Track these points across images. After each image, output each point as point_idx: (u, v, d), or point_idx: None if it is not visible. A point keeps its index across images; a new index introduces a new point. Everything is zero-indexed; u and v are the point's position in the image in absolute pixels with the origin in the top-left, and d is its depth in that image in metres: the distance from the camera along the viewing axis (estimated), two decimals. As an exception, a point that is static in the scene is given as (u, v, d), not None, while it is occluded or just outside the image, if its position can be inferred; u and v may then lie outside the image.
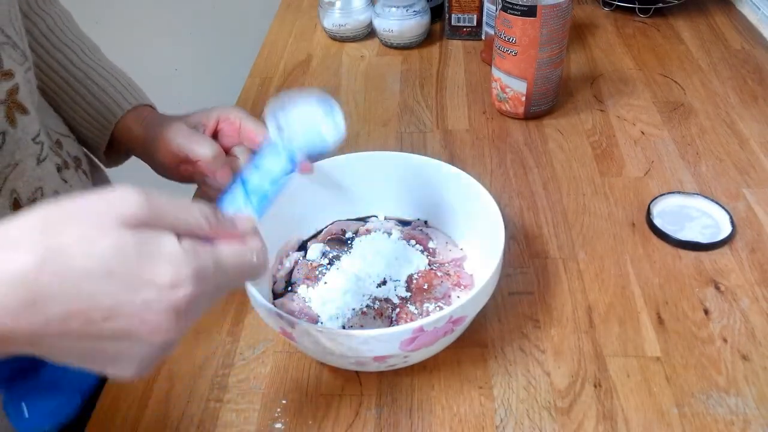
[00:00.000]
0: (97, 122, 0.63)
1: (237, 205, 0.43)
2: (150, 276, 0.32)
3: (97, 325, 0.31)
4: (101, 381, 0.59)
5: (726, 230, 0.65)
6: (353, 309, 0.56)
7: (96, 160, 0.70)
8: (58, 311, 0.31)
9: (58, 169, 0.55)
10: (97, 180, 0.68)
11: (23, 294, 0.30)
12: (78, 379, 0.52)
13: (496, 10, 0.80)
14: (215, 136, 0.61)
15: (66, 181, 0.56)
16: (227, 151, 0.60)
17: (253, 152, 0.60)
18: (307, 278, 0.60)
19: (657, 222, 0.67)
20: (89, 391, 0.59)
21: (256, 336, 0.60)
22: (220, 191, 0.58)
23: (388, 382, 0.55)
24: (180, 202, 0.35)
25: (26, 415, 0.35)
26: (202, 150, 0.57)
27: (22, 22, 0.60)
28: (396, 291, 0.58)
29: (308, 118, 0.52)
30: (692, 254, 0.64)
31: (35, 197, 0.49)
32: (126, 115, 0.63)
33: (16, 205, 0.47)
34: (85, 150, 0.67)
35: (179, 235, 0.34)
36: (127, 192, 0.33)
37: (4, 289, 0.30)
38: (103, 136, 0.63)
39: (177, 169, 0.60)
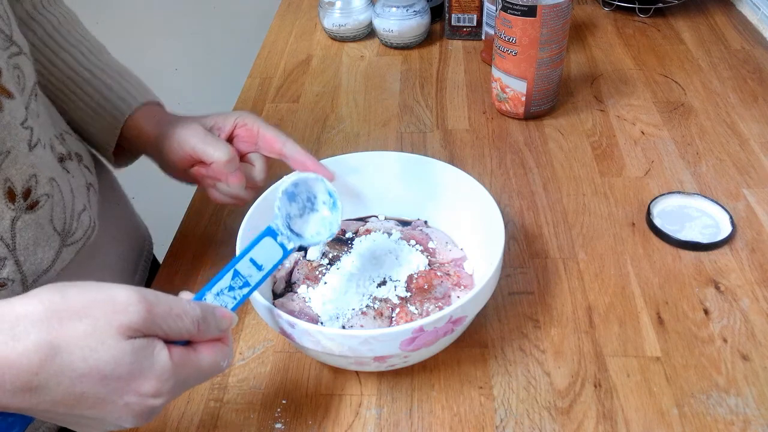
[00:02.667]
0: (105, 121, 0.62)
1: (223, 298, 0.46)
2: (137, 387, 0.37)
3: (80, 411, 0.36)
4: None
5: (726, 230, 0.65)
6: (353, 309, 0.56)
7: (103, 160, 0.70)
8: (50, 399, 0.35)
9: (61, 159, 0.55)
10: (104, 180, 0.68)
11: (22, 383, 0.34)
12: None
13: (496, 10, 0.80)
14: (230, 141, 0.60)
15: (68, 171, 0.56)
16: (242, 157, 0.60)
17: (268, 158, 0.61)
18: (307, 278, 0.60)
19: (657, 222, 0.67)
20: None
21: (256, 336, 0.60)
22: (229, 197, 0.60)
23: (388, 382, 0.55)
24: (176, 308, 0.39)
25: None
26: (217, 153, 0.57)
27: (27, 24, 0.60)
28: (396, 291, 0.58)
29: (315, 215, 0.54)
30: (692, 254, 0.64)
31: (29, 185, 0.49)
32: (135, 113, 0.63)
33: (11, 194, 0.47)
34: (91, 149, 0.67)
35: (170, 342, 0.39)
36: (130, 299, 0.37)
37: (7, 374, 0.34)
38: (112, 135, 0.63)
39: (187, 171, 0.60)
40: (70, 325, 0.35)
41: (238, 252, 0.53)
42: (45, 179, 0.51)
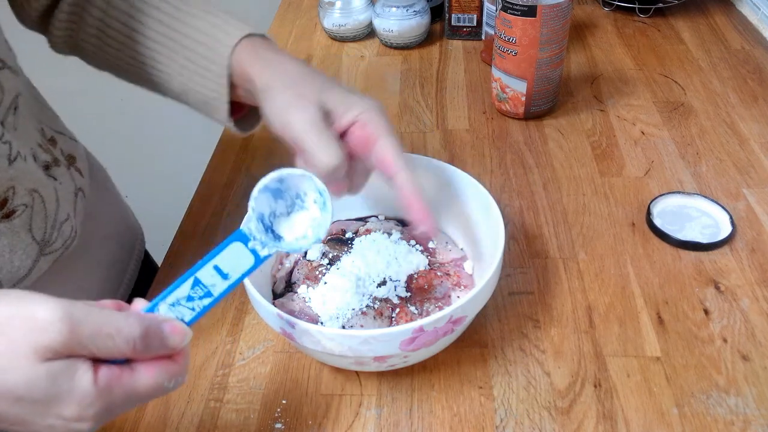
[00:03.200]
0: (209, 71, 0.52)
1: (179, 309, 0.40)
2: (57, 411, 0.34)
3: (6, 425, 0.35)
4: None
5: (726, 230, 0.65)
6: (353, 309, 0.56)
7: (96, 161, 0.69)
8: None
9: (47, 167, 0.54)
10: (98, 180, 0.68)
11: None
12: None
13: (496, 10, 0.80)
14: (344, 134, 0.49)
15: (55, 179, 0.55)
16: (351, 157, 0.50)
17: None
18: (307, 278, 0.60)
19: (657, 222, 0.67)
20: None
21: (256, 336, 0.60)
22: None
23: (388, 382, 0.55)
24: (107, 327, 0.35)
25: None
26: (326, 158, 0.46)
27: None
28: (396, 291, 0.58)
29: (304, 214, 0.46)
30: (692, 254, 0.64)
31: (6, 196, 0.48)
32: (236, 51, 0.51)
33: None
34: (86, 149, 0.66)
35: (98, 361, 0.35)
36: (53, 317, 0.33)
37: None
38: (220, 86, 0.52)
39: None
40: None
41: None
42: (24, 191, 0.50)
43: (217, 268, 0.41)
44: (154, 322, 0.37)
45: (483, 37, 0.99)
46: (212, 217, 0.73)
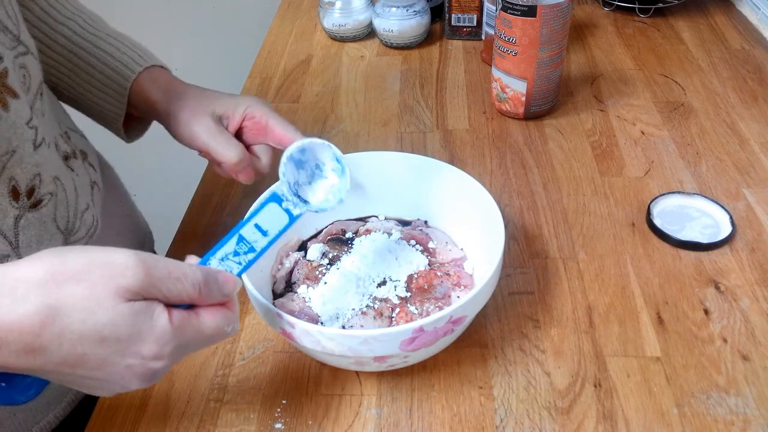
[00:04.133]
0: (111, 90, 0.61)
1: (227, 263, 0.45)
2: (137, 349, 0.37)
3: (84, 371, 0.37)
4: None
5: (726, 230, 0.65)
6: (353, 309, 0.56)
7: (105, 159, 0.69)
8: (53, 360, 0.36)
9: (66, 158, 0.55)
10: (108, 178, 0.68)
11: (25, 344, 0.35)
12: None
13: (496, 10, 0.80)
14: (239, 132, 0.60)
15: (73, 170, 0.56)
16: (249, 149, 0.60)
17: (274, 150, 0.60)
18: (307, 278, 0.60)
19: (657, 222, 0.67)
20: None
21: (256, 336, 0.60)
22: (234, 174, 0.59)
23: (388, 382, 0.55)
24: (176, 271, 0.38)
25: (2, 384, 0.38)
26: (228, 153, 0.57)
27: (22, 2, 0.59)
28: (396, 291, 0.58)
29: (323, 182, 0.53)
30: (692, 254, 0.64)
31: (33, 184, 0.49)
32: (139, 77, 0.61)
33: (15, 192, 0.48)
34: (95, 148, 0.66)
35: (170, 305, 0.38)
36: (128, 262, 0.37)
37: (10, 335, 0.34)
38: (120, 104, 0.61)
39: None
40: (69, 289, 0.35)
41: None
42: (49, 178, 0.51)
43: (257, 226, 0.47)
44: (211, 271, 0.41)
45: (483, 37, 0.99)
46: (212, 217, 0.73)
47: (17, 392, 0.39)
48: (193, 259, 0.44)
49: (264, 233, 0.47)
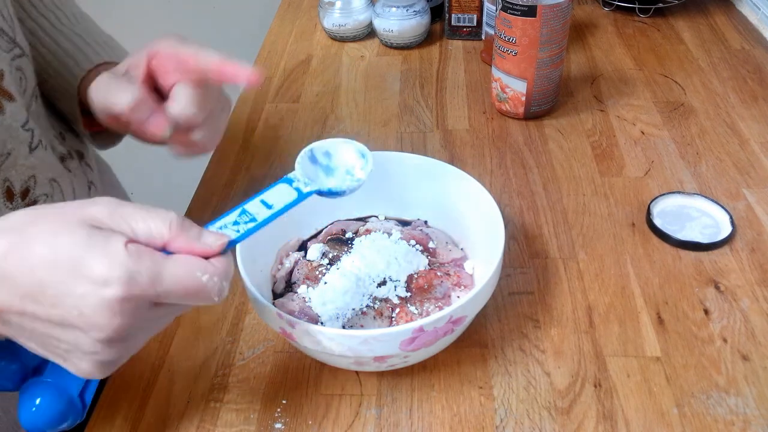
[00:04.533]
0: (66, 90, 0.56)
1: (225, 231, 0.42)
2: (87, 270, 0.34)
3: (45, 309, 0.35)
4: (101, 382, 0.59)
5: (726, 230, 0.65)
6: (353, 309, 0.56)
7: (102, 158, 0.69)
8: (17, 291, 0.35)
9: (62, 159, 0.55)
10: (105, 177, 0.68)
11: None
12: (77, 383, 0.52)
13: (496, 10, 0.80)
14: (151, 80, 0.51)
15: (70, 171, 0.55)
16: (167, 92, 0.51)
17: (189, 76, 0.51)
18: (307, 278, 0.60)
19: (657, 222, 0.67)
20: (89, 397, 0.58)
21: (256, 336, 0.60)
22: (182, 146, 0.53)
23: (388, 382, 0.55)
24: (149, 210, 0.37)
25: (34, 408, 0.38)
26: (117, 99, 0.48)
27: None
28: (396, 291, 0.58)
29: (345, 161, 0.52)
30: (692, 254, 0.64)
31: (28, 185, 0.49)
32: (88, 76, 0.55)
33: (9, 193, 0.48)
34: (92, 146, 0.66)
35: (133, 241, 0.35)
36: (101, 199, 0.36)
37: None
38: (73, 105, 0.56)
39: (124, 129, 0.53)
40: (41, 221, 0.36)
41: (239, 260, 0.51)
42: (45, 180, 0.51)
43: (263, 201, 0.44)
44: (195, 224, 0.38)
45: (483, 37, 0.99)
46: (212, 218, 0.73)
47: (3, 378, 0.38)
48: None
49: (269, 207, 0.44)
